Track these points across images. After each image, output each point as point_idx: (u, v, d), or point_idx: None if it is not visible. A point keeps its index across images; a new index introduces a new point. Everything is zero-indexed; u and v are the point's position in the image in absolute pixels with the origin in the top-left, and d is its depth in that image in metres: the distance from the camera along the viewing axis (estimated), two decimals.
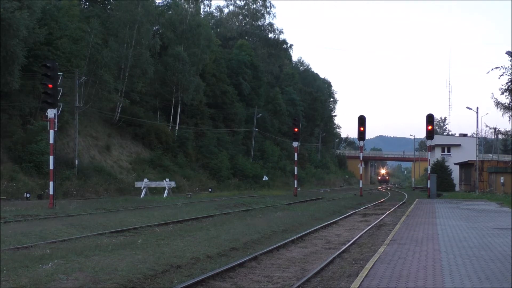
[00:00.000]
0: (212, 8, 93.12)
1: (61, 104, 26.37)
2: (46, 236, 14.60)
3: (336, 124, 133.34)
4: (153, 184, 39.70)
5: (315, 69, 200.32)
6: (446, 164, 60.57)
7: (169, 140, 54.27)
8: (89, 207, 24.89)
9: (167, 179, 40.54)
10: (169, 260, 10.79)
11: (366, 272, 9.53)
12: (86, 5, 55.66)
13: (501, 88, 40.99)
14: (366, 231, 17.60)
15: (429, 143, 44.43)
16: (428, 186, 42.70)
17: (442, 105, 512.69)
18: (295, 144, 45.01)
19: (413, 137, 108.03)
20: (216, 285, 9.48)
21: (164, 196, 37.79)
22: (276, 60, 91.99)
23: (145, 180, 39.37)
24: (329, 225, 20.13)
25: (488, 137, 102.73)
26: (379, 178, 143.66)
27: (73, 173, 38.52)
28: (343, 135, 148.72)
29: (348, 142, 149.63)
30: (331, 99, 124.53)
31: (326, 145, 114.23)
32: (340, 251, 13.06)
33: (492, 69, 41.28)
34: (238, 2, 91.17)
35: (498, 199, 36.82)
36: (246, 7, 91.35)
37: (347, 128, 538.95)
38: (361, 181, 52.24)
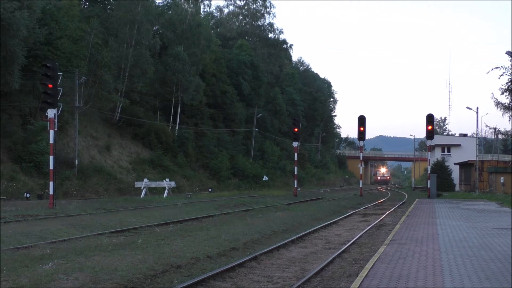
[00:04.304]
0: (212, 8, 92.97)
1: (61, 104, 26.35)
2: (46, 236, 14.60)
3: (336, 124, 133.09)
4: (153, 184, 39.68)
5: (315, 69, 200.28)
6: (446, 164, 60.52)
7: (169, 140, 54.25)
8: (89, 207, 24.89)
9: (167, 179, 40.53)
10: (169, 260, 10.79)
11: (366, 272, 9.53)
12: (86, 5, 55.62)
13: (501, 88, 41.04)
14: (366, 231, 17.61)
15: (429, 143, 44.43)
16: (428, 186, 42.70)
17: (442, 105, 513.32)
18: (295, 144, 45.00)
19: (413, 137, 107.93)
20: (216, 285, 9.48)
21: (164, 196, 37.78)
22: (276, 60, 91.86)
23: (145, 180, 39.36)
24: (329, 225, 20.14)
25: (488, 137, 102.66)
26: (379, 178, 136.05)
27: (73, 173, 38.51)
28: (343, 135, 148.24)
29: (348, 142, 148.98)
30: (331, 99, 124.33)
31: (326, 145, 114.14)
32: (340, 251, 13.07)
33: (492, 69, 41.37)
34: (238, 2, 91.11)
35: (498, 199, 36.82)
36: (246, 7, 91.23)
37: (347, 128, 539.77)
38: (361, 181, 52.28)
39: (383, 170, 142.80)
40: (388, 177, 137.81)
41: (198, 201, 32.11)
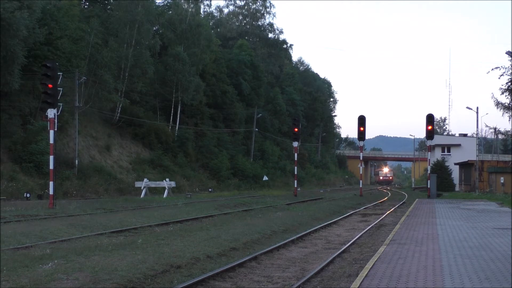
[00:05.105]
0: (212, 8, 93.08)
1: (61, 104, 26.34)
2: (46, 236, 14.60)
3: (336, 124, 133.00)
4: (153, 184, 39.69)
5: (315, 69, 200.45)
6: (446, 164, 60.55)
7: (169, 140, 54.26)
8: (89, 207, 24.89)
9: (167, 179, 40.53)
10: (169, 260, 10.79)
11: (366, 272, 9.53)
12: (86, 5, 55.65)
13: (501, 88, 41.02)
14: (366, 231, 17.61)
15: (429, 143, 44.44)
16: (428, 186, 42.70)
17: (442, 105, 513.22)
18: (295, 144, 45.00)
19: (413, 137, 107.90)
20: (216, 285, 9.48)
21: (164, 196, 37.78)
22: (276, 60, 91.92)
23: (145, 180, 39.36)
24: (329, 225, 20.14)
25: (488, 137, 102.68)
26: (381, 178, 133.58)
27: (73, 173, 38.51)
28: (343, 135, 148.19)
29: (348, 142, 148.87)
30: (331, 99, 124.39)
31: (326, 145, 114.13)
32: (340, 251, 13.07)
33: (492, 69, 41.31)
34: (238, 2, 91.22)
35: (498, 199, 36.82)
36: (246, 7, 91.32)
37: (347, 128, 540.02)
38: (361, 181, 52.24)
39: (385, 170, 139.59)
40: (390, 177, 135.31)
41: (198, 201, 32.11)
